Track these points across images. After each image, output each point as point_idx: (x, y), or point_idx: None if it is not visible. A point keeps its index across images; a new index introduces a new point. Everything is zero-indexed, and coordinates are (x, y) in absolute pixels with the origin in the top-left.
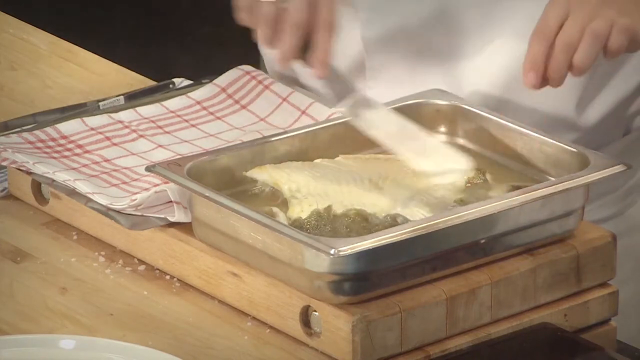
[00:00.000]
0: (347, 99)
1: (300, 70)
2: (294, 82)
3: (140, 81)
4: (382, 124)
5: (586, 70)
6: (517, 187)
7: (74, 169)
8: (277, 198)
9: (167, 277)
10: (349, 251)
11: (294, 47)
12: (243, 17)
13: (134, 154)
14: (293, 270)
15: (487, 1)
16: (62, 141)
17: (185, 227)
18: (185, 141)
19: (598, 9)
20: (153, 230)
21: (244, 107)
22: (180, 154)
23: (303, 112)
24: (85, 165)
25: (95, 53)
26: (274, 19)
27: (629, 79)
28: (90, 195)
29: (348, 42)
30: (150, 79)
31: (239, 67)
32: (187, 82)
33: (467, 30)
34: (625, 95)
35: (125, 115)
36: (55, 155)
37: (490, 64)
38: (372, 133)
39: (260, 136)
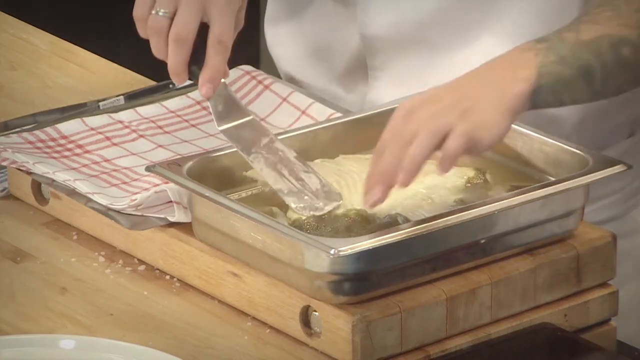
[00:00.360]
0: (234, 121)
1: (308, 73)
2: (298, 84)
3: (140, 81)
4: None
5: (417, 164)
6: (517, 187)
7: (74, 169)
8: (277, 198)
9: (167, 277)
10: (349, 251)
11: (181, 62)
12: (140, 29)
13: (134, 154)
14: (293, 270)
15: (482, 1)
16: (62, 141)
17: (185, 227)
18: (185, 141)
19: (440, 114)
20: (153, 230)
21: None
22: (180, 154)
23: (303, 112)
24: (85, 165)
25: (95, 53)
26: (165, 32)
27: None
28: (90, 195)
29: (348, 42)
30: (150, 79)
31: (239, 67)
32: (187, 82)
33: (467, 28)
34: (626, 97)
35: (125, 115)
36: (55, 155)
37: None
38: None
39: None
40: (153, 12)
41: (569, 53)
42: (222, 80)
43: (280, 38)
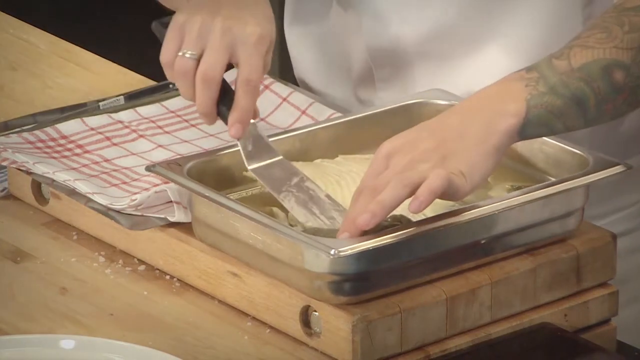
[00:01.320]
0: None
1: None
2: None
3: (140, 81)
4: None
5: (385, 210)
6: (517, 187)
7: (74, 169)
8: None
9: (167, 277)
10: (349, 251)
11: (209, 102)
12: (167, 72)
13: (134, 154)
14: (293, 271)
15: (486, 11)
16: (62, 141)
17: (185, 227)
18: (185, 141)
19: (417, 160)
20: (153, 230)
21: None
22: (180, 154)
23: (303, 112)
24: (85, 165)
25: (95, 53)
26: (192, 73)
27: None
28: (90, 195)
29: (354, 52)
30: (150, 79)
31: None
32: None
33: (473, 39)
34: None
35: (125, 115)
36: (55, 155)
37: (494, 70)
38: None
39: None
40: (180, 54)
41: (559, 82)
42: (252, 120)
43: (296, 40)
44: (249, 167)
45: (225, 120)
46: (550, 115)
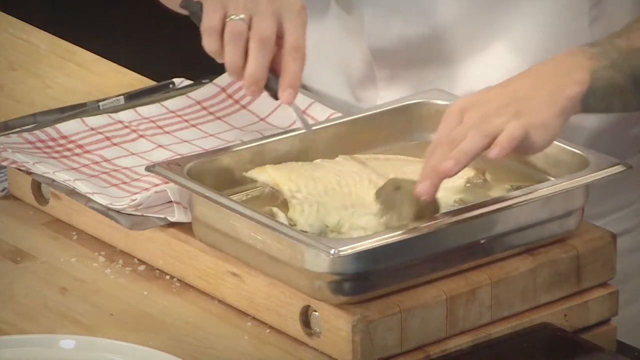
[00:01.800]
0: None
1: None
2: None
3: (140, 81)
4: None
5: (467, 157)
6: (517, 187)
7: (74, 169)
8: (277, 198)
9: (167, 277)
10: (349, 251)
11: (264, 65)
12: (210, 39)
13: (134, 154)
14: (293, 270)
15: (490, 11)
16: (62, 141)
17: (185, 227)
18: (185, 141)
19: (491, 115)
20: (153, 230)
21: (244, 107)
22: (180, 154)
23: (303, 112)
24: (85, 165)
25: (95, 53)
26: (245, 37)
27: None
28: (90, 195)
29: (354, 53)
30: (150, 79)
31: None
32: (187, 82)
33: (476, 40)
34: None
35: (125, 115)
36: (55, 155)
37: (492, 73)
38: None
39: (260, 136)
40: (228, 19)
41: (620, 59)
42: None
43: None
44: (309, 131)
45: (270, 90)
46: (611, 90)
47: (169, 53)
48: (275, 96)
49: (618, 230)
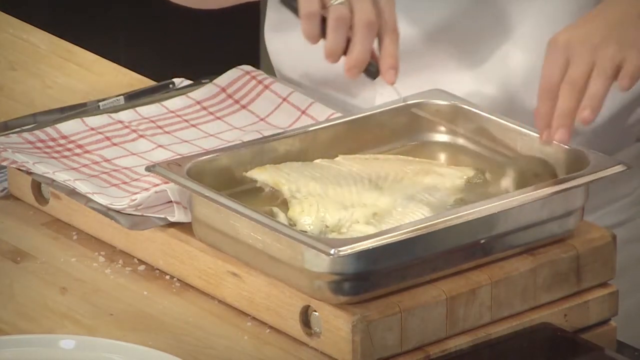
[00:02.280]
0: None
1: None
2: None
3: (140, 81)
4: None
5: (601, 99)
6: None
7: (74, 169)
8: (277, 198)
9: (167, 277)
10: (349, 251)
11: (370, 47)
12: (309, 25)
13: (134, 154)
14: (293, 270)
15: (497, 7)
16: (62, 141)
17: (185, 227)
18: (185, 141)
19: (601, 47)
20: (153, 230)
21: (244, 107)
22: (180, 154)
23: (303, 112)
24: (85, 165)
25: (95, 53)
26: (348, 21)
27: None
28: (90, 195)
29: None
30: (150, 79)
31: (239, 67)
32: (187, 82)
33: (479, 39)
34: (630, 99)
35: (125, 115)
36: (55, 155)
37: (499, 71)
38: None
39: (260, 136)
40: (329, 5)
41: None
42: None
43: (277, 50)
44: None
45: (368, 71)
46: None
47: (169, 53)
48: (372, 75)
49: (613, 222)
